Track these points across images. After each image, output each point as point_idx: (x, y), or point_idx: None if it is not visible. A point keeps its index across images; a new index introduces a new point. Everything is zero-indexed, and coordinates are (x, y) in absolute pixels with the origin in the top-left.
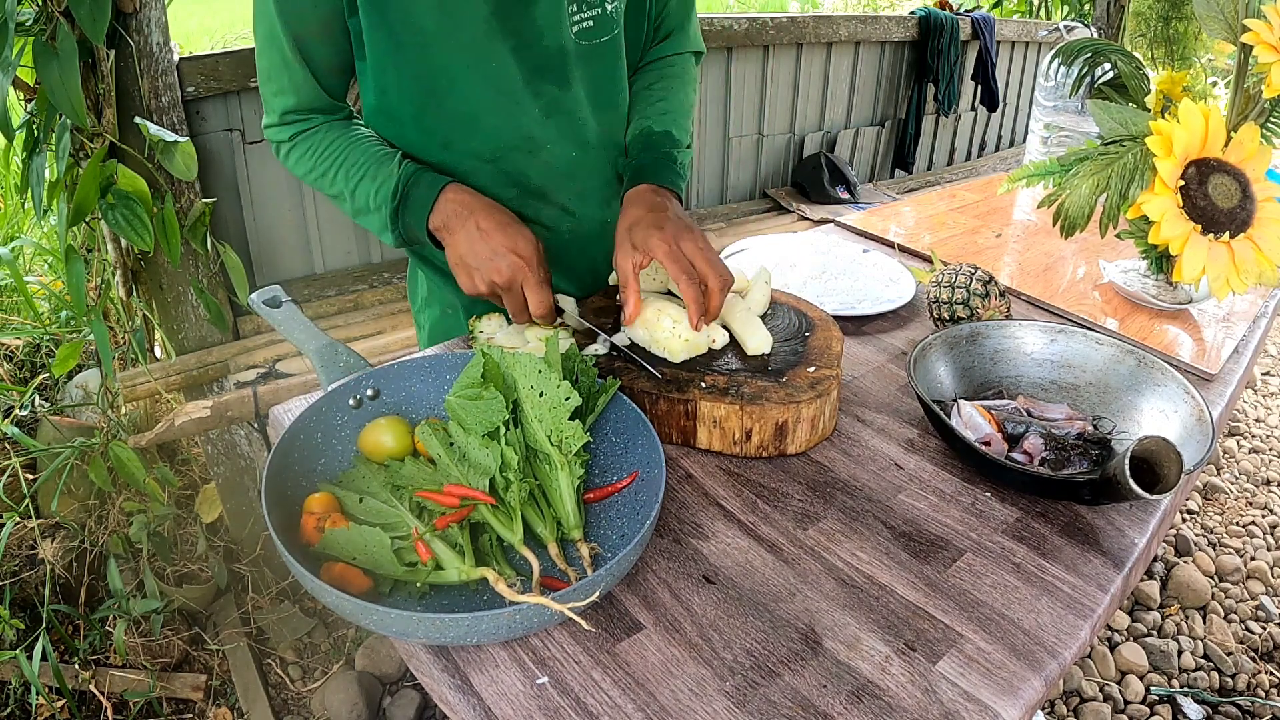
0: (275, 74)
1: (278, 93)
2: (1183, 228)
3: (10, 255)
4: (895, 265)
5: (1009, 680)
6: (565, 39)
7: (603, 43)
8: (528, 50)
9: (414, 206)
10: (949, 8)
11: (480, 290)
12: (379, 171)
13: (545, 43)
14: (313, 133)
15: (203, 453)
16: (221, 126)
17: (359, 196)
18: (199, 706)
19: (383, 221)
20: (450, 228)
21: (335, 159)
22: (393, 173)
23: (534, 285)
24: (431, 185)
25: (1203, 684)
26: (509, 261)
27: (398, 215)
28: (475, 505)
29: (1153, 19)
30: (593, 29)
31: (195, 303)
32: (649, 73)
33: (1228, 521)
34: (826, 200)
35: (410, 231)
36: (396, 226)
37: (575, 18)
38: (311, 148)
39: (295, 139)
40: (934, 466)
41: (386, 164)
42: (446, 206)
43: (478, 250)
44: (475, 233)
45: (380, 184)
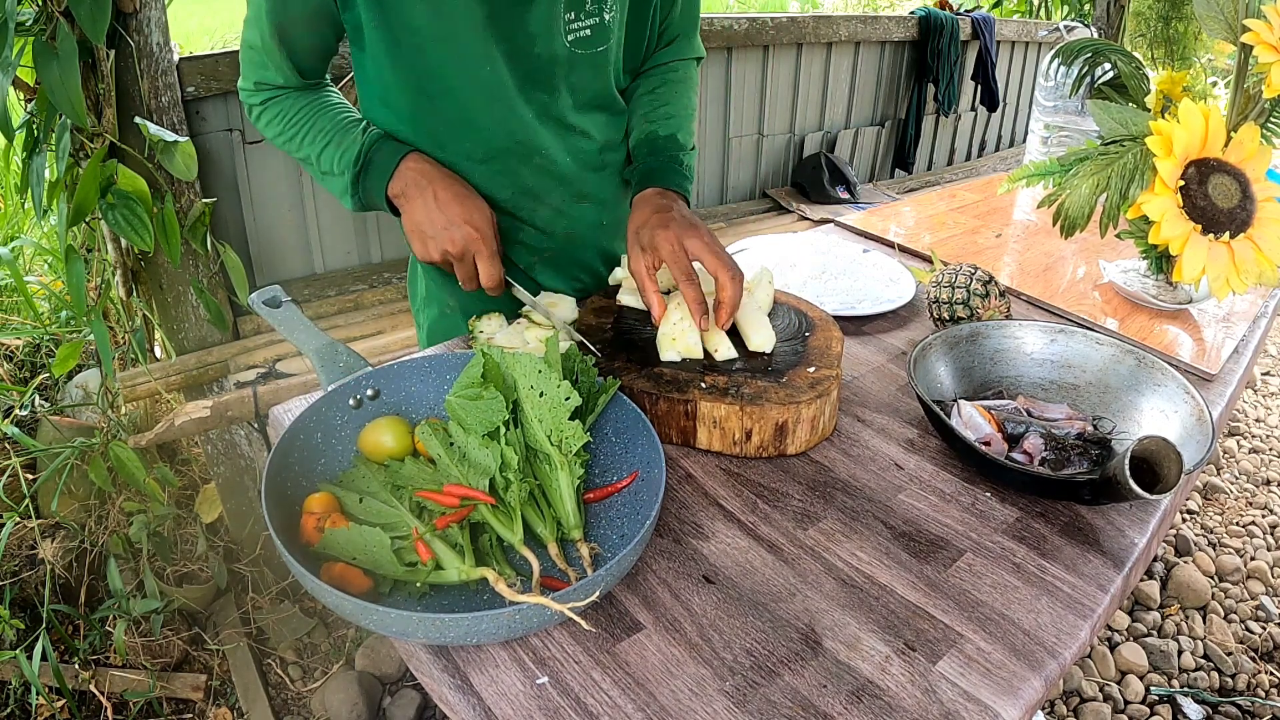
0: (254, 48)
1: (254, 64)
2: (1183, 228)
3: (10, 255)
4: (895, 265)
5: (1009, 680)
6: (558, 47)
7: (598, 52)
8: (520, 56)
9: (374, 172)
10: (949, 8)
11: (433, 258)
12: (344, 138)
13: (537, 50)
14: (283, 98)
15: (203, 453)
16: (221, 126)
17: (324, 160)
18: (199, 706)
19: (344, 186)
20: (408, 195)
21: (303, 124)
22: (356, 139)
23: (486, 257)
24: (393, 153)
25: (1203, 684)
26: (463, 232)
27: (359, 180)
28: (475, 505)
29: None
30: (589, 38)
31: (195, 303)
32: (652, 78)
33: (1228, 521)
34: (826, 200)
35: (369, 197)
36: (357, 192)
37: (572, 26)
38: (281, 112)
39: (266, 104)
40: (934, 466)
41: (352, 130)
42: (406, 174)
43: (434, 219)
44: (432, 202)
45: (345, 150)
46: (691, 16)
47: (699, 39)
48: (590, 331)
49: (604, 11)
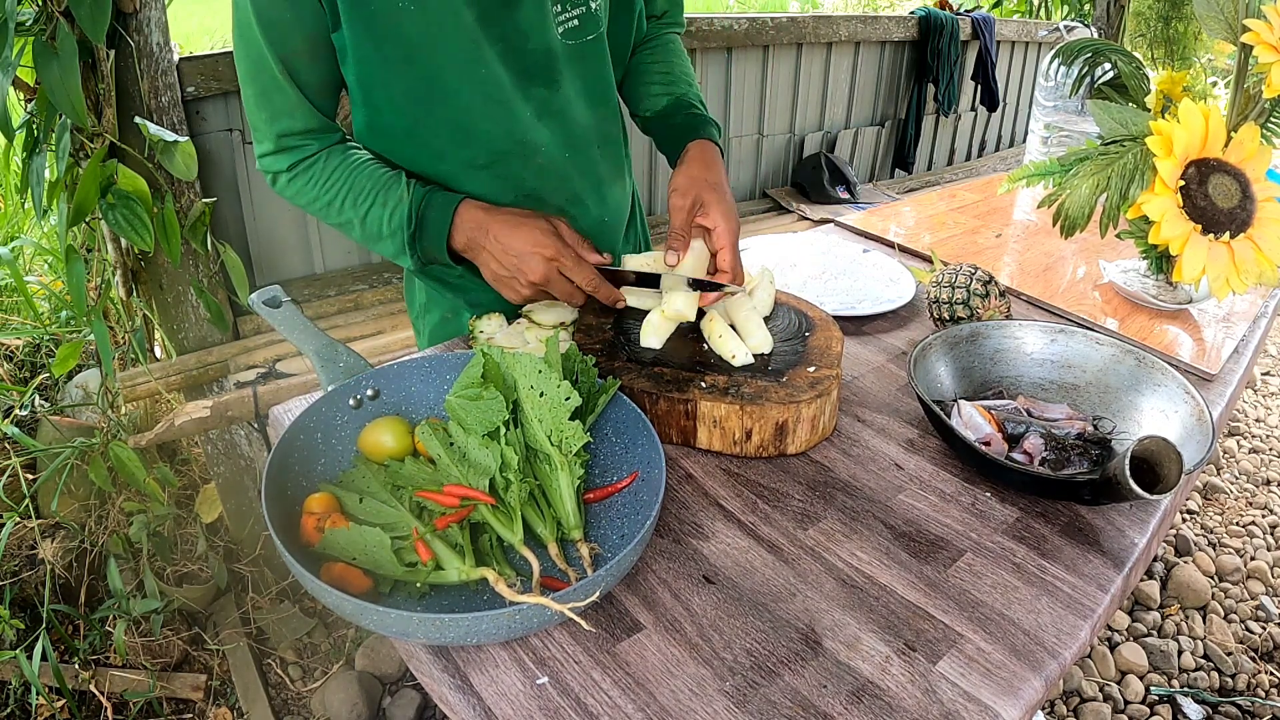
0: (267, 98)
1: (271, 118)
2: (1183, 228)
3: (10, 255)
4: (895, 265)
5: (1009, 680)
6: (551, 39)
7: (589, 41)
8: (515, 54)
9: (431, 232)
10: (949, 8)
11: (527, 296)
12: (388, 197)
13: (531, 45)
14: (311, 162)
15: (203, 453)
16: (221, 126)
17: (370, 224)
18: (199, 706)
19: (398, 247)
20: (473, 248)
21: (340, 188)
22: (403, 197)
23: (570, 267)
24: (445, 207)
25: (1203, 684)
26: (534, 260)
27: (415, 241)
28: (475, 505)
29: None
30: (578, 28)
31: (195, 303)
32: (654, 50)
33: (1228, 521)
34: (826, 200)
35: (430, 255)
36: (415, 252)
37: (560, 17)
38: (313, 178)
39: (295, 169)
40: (934, 466)
41: (395, 188)
42: (464, 229)
43: (505, 262)
44: (496, 246)
45: (392, 210)
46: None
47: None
48: (590, 331)
49: (589, 1)
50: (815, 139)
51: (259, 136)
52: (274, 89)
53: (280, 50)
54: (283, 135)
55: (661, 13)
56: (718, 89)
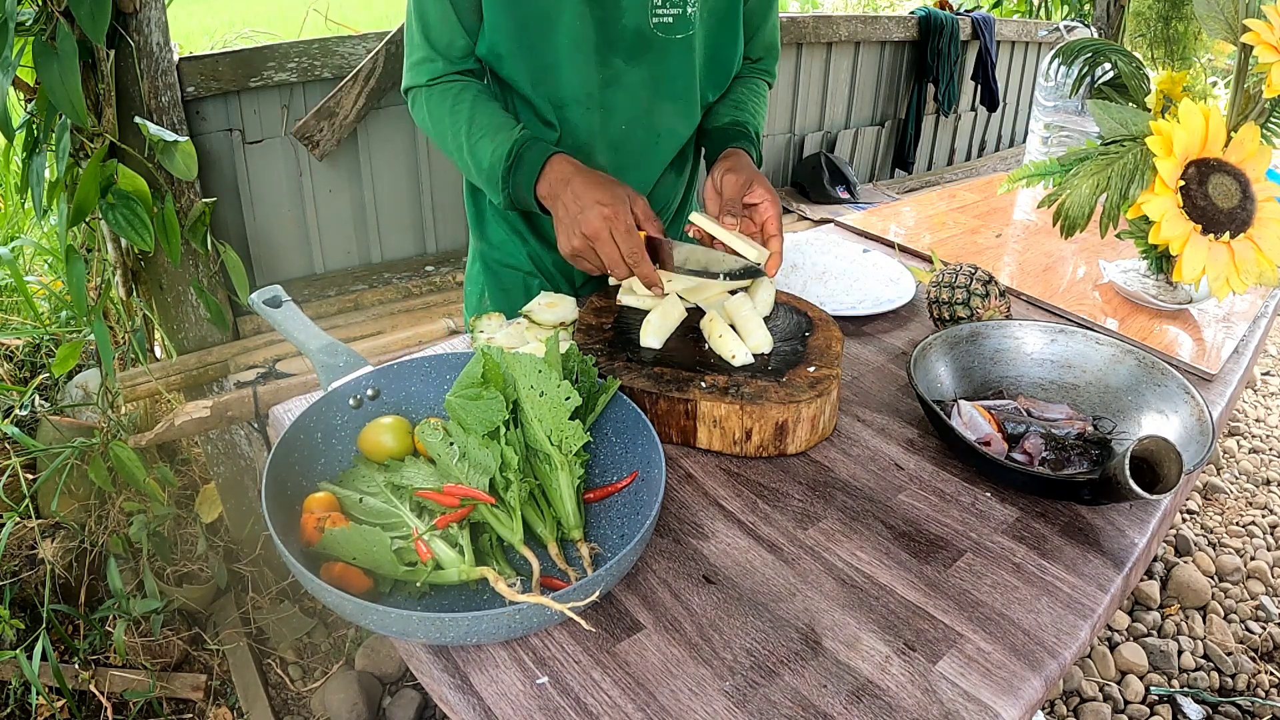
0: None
1: (422, 28)
2: (1183, 228)
3: (10, 255)
4: (895, 265)
5: (1009, 680)
6: (644, 25)
7: (678, 39)
8: (608, 24)
9: (525, 170)
10: (949, 8)
11: (575, 246)
12: (498, 134)
13: (624, 22)
14: (449, 88)
15: (203, 453)
16: (221, 126)
17: (477, 153)
18: (199, 706)
19: (494, 182)
20: (555, 194)
21: (462, 114)
22: (510, 136)
23: (622, 231)
24: (541, 153)
25: (1203, 684)
26: (595, 213)
27: (509, 176)
28: (475, 505)
29: (1153, 19)
30: (671, 25)
31: (195, 303)
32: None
33: (1228, 521)
34: (826, 200)
35: (519, 192)
36: (507, 187)
37: (658, 10)
38: (445, 102)
39: (435, 84)
40: (934, 466)
41: (507, 129)
42: (551, 175)
43: (570, 209)
44: (570, 195)
45: (497, 145)
46: (772, 42)
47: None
48: (590, 331)
49: (686, 5)
50: (815, 139)
51: (410, 48)
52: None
53: None
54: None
55: (758, 58)
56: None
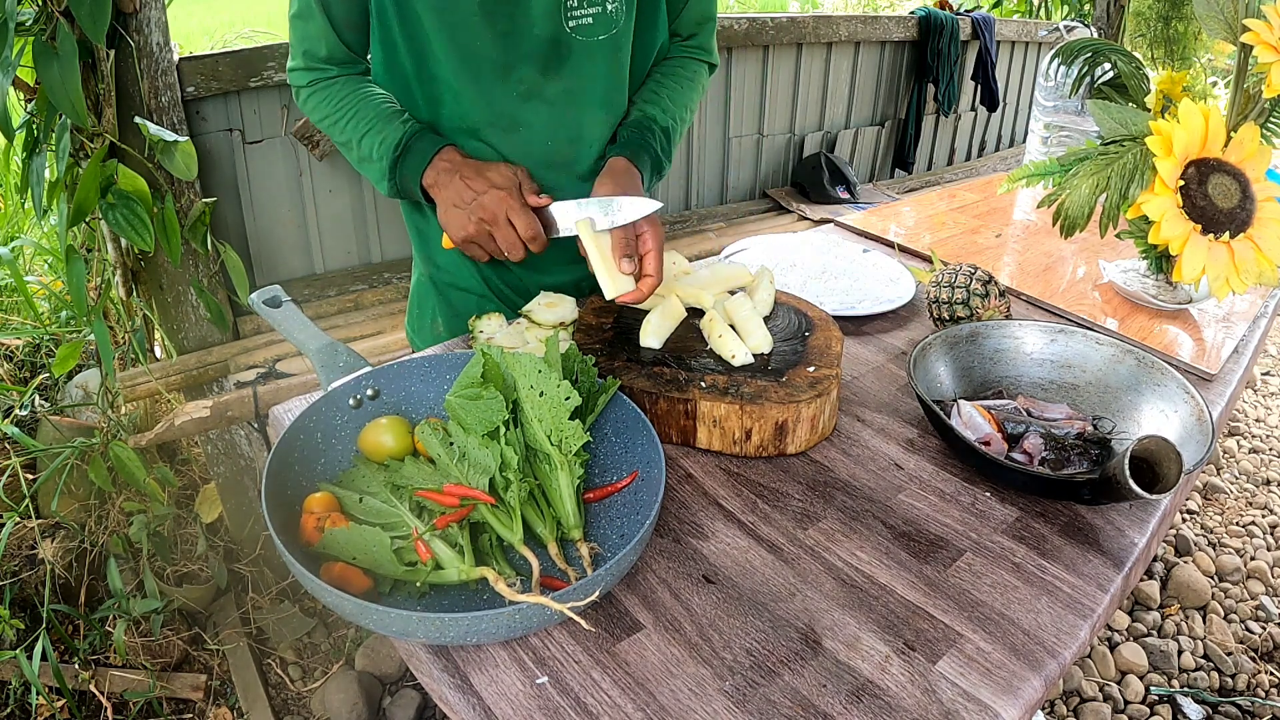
0: (303, 20)
1: (301, 39)
2: (1183, 228)
3: (10, 255)
4: (895, 265)
5: (1009, 680)
6: (559, 32)
7: (600, 40)
8: (516, 37)
9: (411, 160)
10: (949, 8)
11: (469, 232)
12: (385, 127)
13: (536, 32)
14: (329, 83)
15: (203, 453)
16: (221, 126)
17: (364, 145)
18: (199, 706)
19: (381, 171)
20: (440, 184)
21: (347, 109)
22: (398, 128)
23: (516, 210)
24: (431, 145)
25: (1203, 684)
26: (489, 196)
27: (396, 166)
28: (475, 505)
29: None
30: (591, 26)
31: (195, 303)
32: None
33: (1228, 521)
34: (826, 200)
35: (405, 183)
36: (394, 177)
37: (574, 13)
38: (327, 96)
39: (313, 85)
40: (934, 466)
41: (394, 121)
42: (439, 164)
43: (461, 196)
44: (459, 183)
45: (385, 137)
46: (704, 14)
47: (714, 45)
48: (590, 331)
49: (606, 2)
50: (815, 139)
51: (292, 52)
52: (309, 14)
53: None
54: (308, 55)
55: (689, 35)
56: (718, 89)
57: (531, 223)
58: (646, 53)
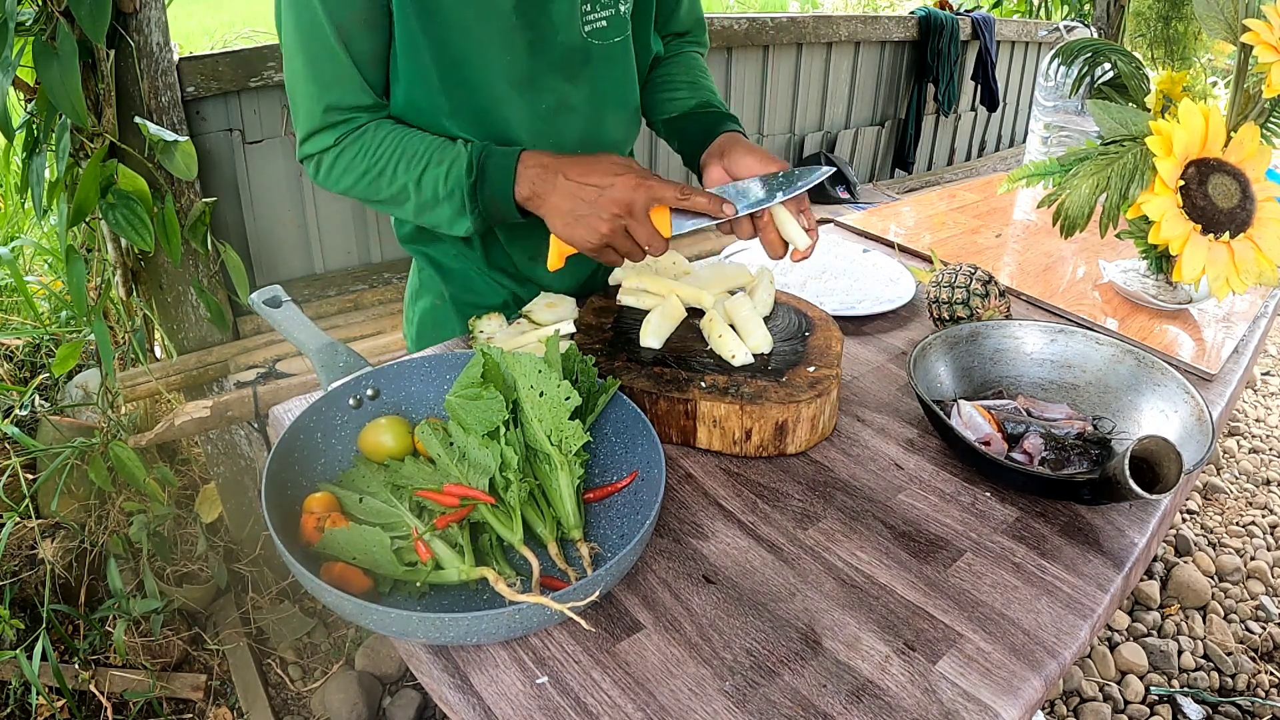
0: (317, 68)
1: (320, 91)
2: (1183, 228)
3: (10, 255)
4: (895, 265)
5: (1009, 680)
6: (577, 37)
7: (614, 43)
8: (543, 46)
9: (494, 180)
10: (949, 8)
11: (603, 233)
12: (443, 156)
13: (559, 39)
14: (361, 133)
15: (203, 453)
16: (221, 126)
17: (425, 186)
18: (199, 706)
19: (457, 207)
20: (540, 193)
21: (393, 152)
22: (461, 153)
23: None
24: (507, 155)
25: (1203, 684)
26: (619, 186)
27: (476, 192)
28: (475, 505)
29: (1153, 19)
30: (605, 29)
31: (195, 302)
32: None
33: (1228, 521)
34: (826, 200)
35: (492, 206)
36: (476, 205)
37: (589, 17)
38: (362, 148)
39: (342, 142)
40: (934, 466)
41: (450, 147)
42: (529, 172)
43: (583, 197)
44: (569, 184)
45: (449, 166)
46: (698, 12)
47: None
48: (590, 331)
49: (619, 4)
50: (815, 139)
51: (303, 117)
52: (326, 58)
53: (338, 17)
54: (331, 109)
55: (685, 30)
56: (718, 89)
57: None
58: (644, 58)
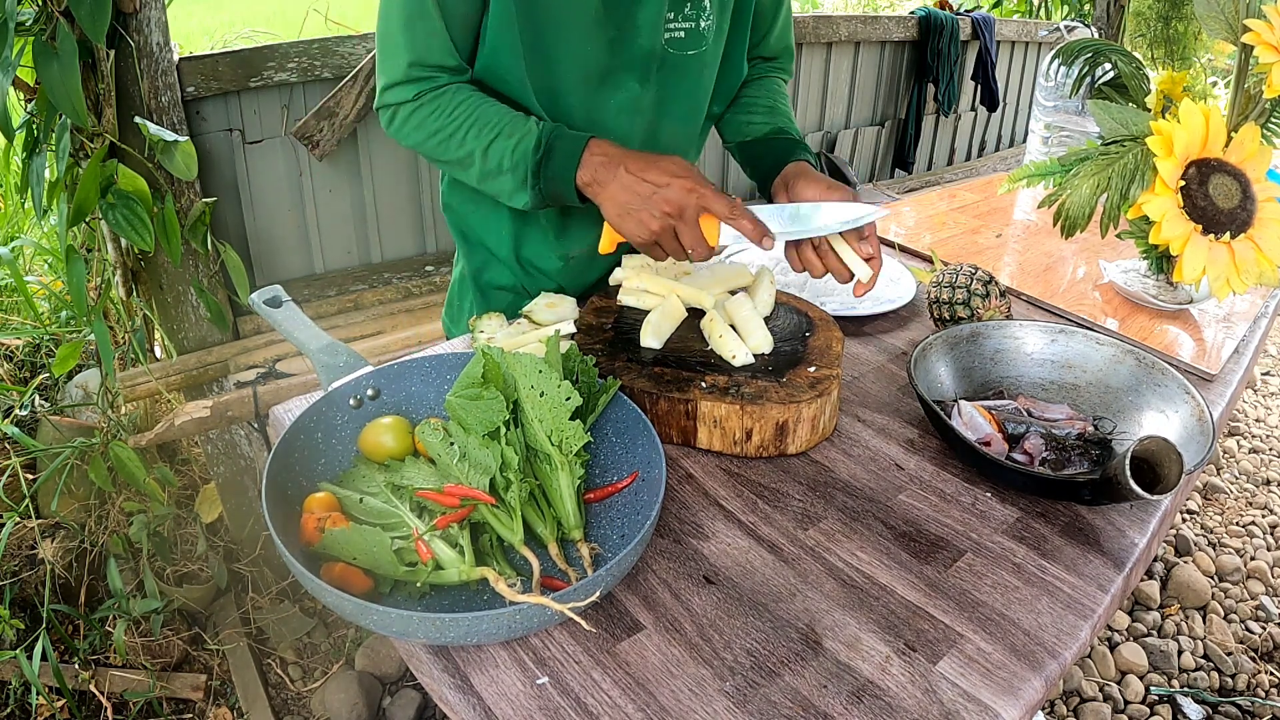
0: (411, 25)
1: (409, 45)
2: (1183, 228)
3: (10, 255)
4: (895, 265)
5: (1009, 680)
6: (657, 43)
7: (689, 56)
8: (623, 45)
9: (559, 161)
10: (949, 8)
11: (652, 229)
12: (515, 129)
13: (640, 41)
14: (440, 92)
15: (203, 453)
16: (221, 126)
17: (492, 155)
18: (199, 706)
19: (520, 180)
20: (600, 181)
21: (467, 117)
22: (531, 130)
23: (710, 196)
24: (575, 140)
25: (1203, 684)
26: (674, 188)
27: (540, 169)
28: (475, 505)
29: (1153, 19)
30: (684, 40)
31: (195, 302)
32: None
33: (1228, 521)
34: None
35: (553, 186)
36: (538, 182)
37: (671, 25)
38: (439, 107)
39: (421, 98)
40: (934, 467)
41: (523, 122)
42: (593, 161)
43: (639, 191)
44: (627, 176)
45: (519, 140)
46: (788, 40)
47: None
48: (590, 331)
49: (700, 18)
50: (815, 139)
51: (388, 67)
52: (420, 15)
53: None
54: (415, 64)
55: (774, 56)
56: None
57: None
58: (734, 78)
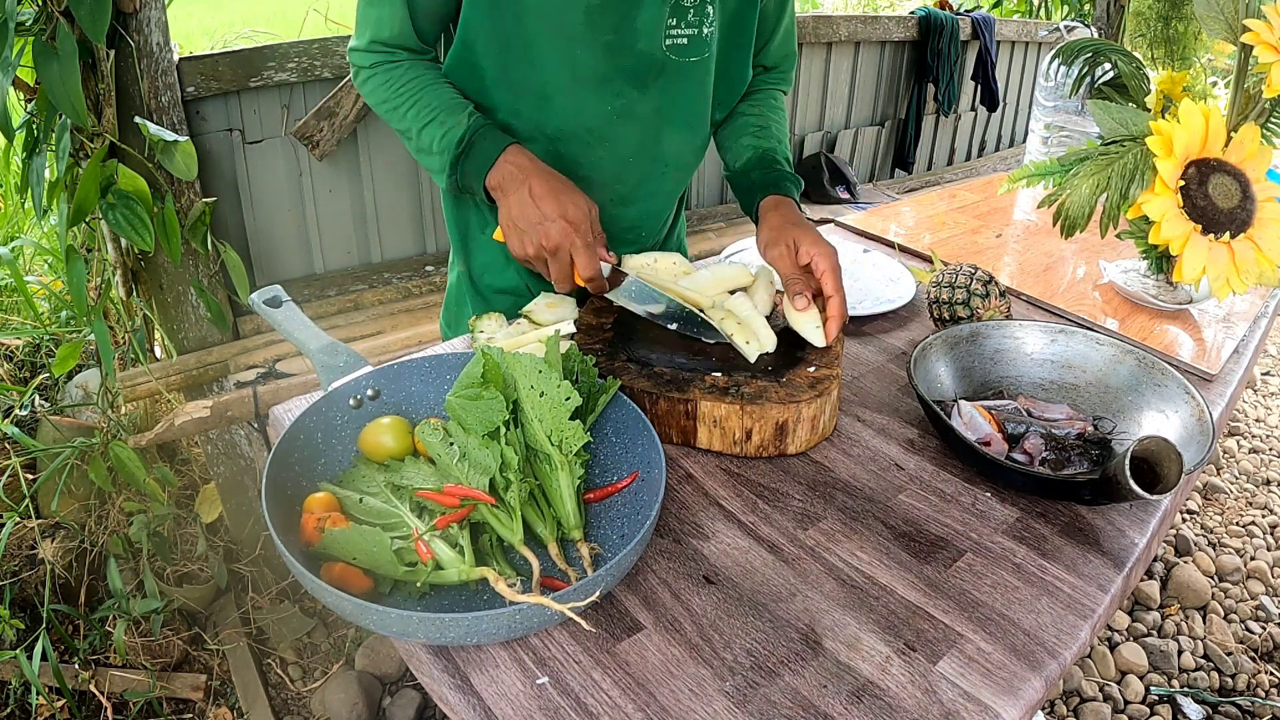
0: (378, 6)
1: (375, 21)
2: (1183, 228)
3: (10, 255)
4: (895, 265)
5: (1009, 680)
6: (658, 49)
7: (691, 63)
8: (620, 50)
9: (475, 159)
10: (949, 8)
11: (528, 253)
12: (449, 119)
13: (640, 47)
14: (393, 66)
15: (203, 453)
16: (221, 126)
17: (424, 136)
18: (199, 706)
19: (441, 165)
20: (504, 189)
21: (410, 96)
22: (461, 122)
23: (580, 249)
24: (496, 143)
25: (1203, 684)
26: (557, 227)
27: (458, 164)
28: (475, 505)
29: (1153, 19)
30: (685, 47)
31: (195, 302)
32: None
33: (1228, 521)
34: (826, 200)
35: (467, 180)
36: (454, 174)
37: (672, 31)
38: (389, 80)
39: (376, 68)
40: (934, 467)
41: (457, 113)
42: (505, 167)
43: (528, 214)
44: (527, 196)
45: (447, 130)
46: (789, 49)
47: (792, 76)
48: (590, 331)
49: (703, 25)
50: (815, 139)
51: (359, 30)
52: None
53: None
54: (375, 40)
55: (773, 65)
56: None
57: (592, 264)
58: (736, 85)
